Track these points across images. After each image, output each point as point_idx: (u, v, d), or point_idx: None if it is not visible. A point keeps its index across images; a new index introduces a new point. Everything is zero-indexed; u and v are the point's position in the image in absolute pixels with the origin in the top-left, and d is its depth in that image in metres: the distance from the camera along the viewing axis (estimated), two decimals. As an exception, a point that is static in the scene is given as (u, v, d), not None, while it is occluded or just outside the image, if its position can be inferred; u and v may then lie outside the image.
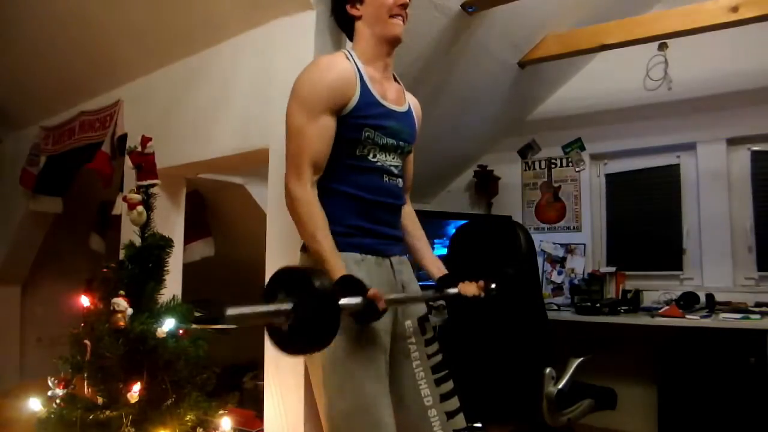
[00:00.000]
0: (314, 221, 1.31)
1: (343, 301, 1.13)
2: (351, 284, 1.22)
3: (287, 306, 1.05)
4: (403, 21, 1.46)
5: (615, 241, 3.55)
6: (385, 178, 1.46)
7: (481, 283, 1.55)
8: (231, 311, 0.96)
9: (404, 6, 1.45)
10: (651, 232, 3.40)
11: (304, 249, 1.45)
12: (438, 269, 1.60)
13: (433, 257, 1.64)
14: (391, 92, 1.49)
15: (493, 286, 1.55)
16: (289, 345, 1.10)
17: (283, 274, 1.16)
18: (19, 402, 1.65)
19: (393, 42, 1.46)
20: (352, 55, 1.44)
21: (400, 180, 1.52)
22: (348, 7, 1.48)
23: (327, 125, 1.35)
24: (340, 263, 1.28)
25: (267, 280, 1.17)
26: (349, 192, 1.39)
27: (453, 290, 1.53)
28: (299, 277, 1.10)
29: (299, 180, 1.33)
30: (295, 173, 1.33)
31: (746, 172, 3.11)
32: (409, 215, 1.65)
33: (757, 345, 2.47)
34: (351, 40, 1.54)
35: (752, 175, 3.10)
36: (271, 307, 1.06)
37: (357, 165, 1.41)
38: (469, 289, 1.53)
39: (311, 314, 1.04)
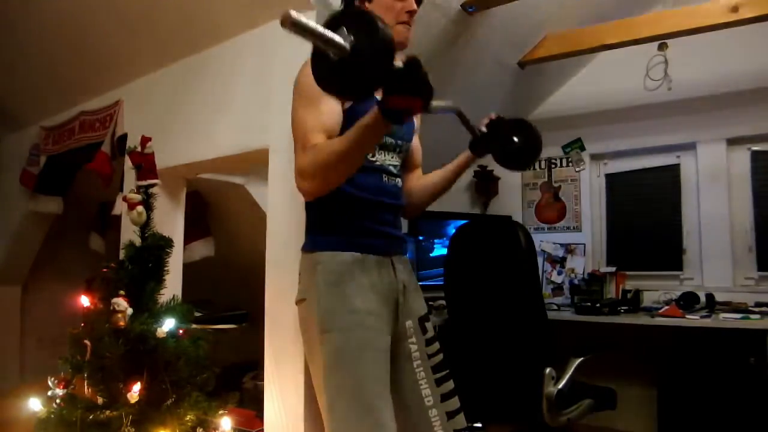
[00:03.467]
0: (335, 142, 1.23)
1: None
2: None
3: (347, 40, 0.98)
4: (410, 26, 1.44)
5: (615, 241, 3.55)
6: (385, 178, 1.46)
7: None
8: (296, 14, 0.87)
9: (412, 13, 1.43)
10: (651, 232, 3.40)
11: (305, 249, 1.45)
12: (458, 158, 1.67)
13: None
14: (390, 90, 1.49)
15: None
16: (334, 78, 1.03)
17: (347, 11, 1.09)
18: (19, 402, 1.65)
19: (396, 48, 1.46)
20: (351, 53, 1.43)
21: (399, 180, 1.52)
22: (357, 2, 1.46)
23: (333, 106, 1.32)
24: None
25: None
26: (349, 192, 1.39)
27: (482, 129, 1.59)
28: (363, 16, 1.02)
29: (306, 151, 1.27)
30: (303, 149, 1.28)
31: (746, 172, 3.11)
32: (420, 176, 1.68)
33: (757, 345, 2.47)
34: None
35: (752, 175, 3.10)
36: (333, 35, 0.97)
37: None
38: (488, 117, 1.60)
39: (371, 53, 0.97)
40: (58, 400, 1.58)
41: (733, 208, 3.11)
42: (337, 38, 0.96)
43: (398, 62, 1.03)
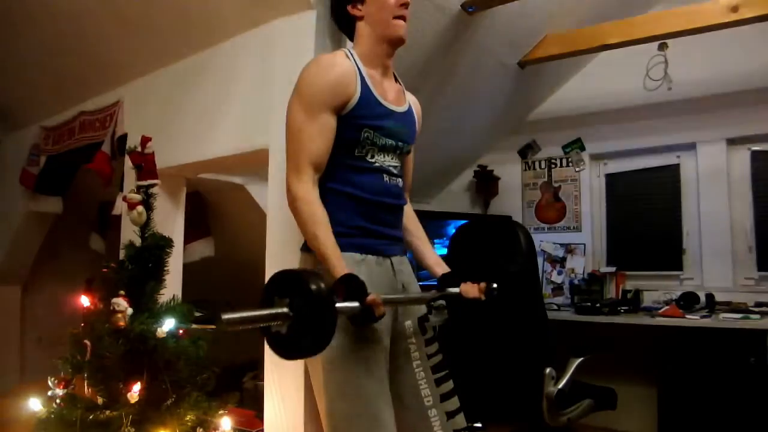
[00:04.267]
0: (315, 220, 1.31)
1: (339, 304, 1.13)
2: (351, 284, 1.21)
3: (283, 310, 1.05)
4: (405, 20, 1.46)
5: (615, 241, 3.55)
6: (385, 178, 1.46)
7: (483, 285, 1.52)
8: (227, 316, 0.96)
9: (406, 5, 1.45)
10: (651, 232, 3.40)
11: (305, 248, 1.45)
12: (441, 268, 1.59)
13: (435, 256, 1.64)
14: (391, 92, 1.49)
15: (495, 286, 1.54)
16: (286, 349, 1.11)
17: (279, 277, 1.15)
18: (19, 402, 1.65)
19: (396, 43, 1.46)
20: (352, 55, 1.44)
21: (400, 180, 1.52)
22: (349, 7, 1.48)
23: (327, 123, 1.35)
24: (341, 262, 1.28)
25: (266, 281, 1.16)
26: (349, 192, 1.39)
27: (454, 290, 1.52)
28: (295, 280, 1.09)
29: (299, 178, 1.33)
30: (295, 172, 1.33)
31: (746, 172, 3.11)
32: (409, 215, 1.65)
33: (757, 345, 2.47)
34: (351, 40, 1.54)
35: (752, 175, 3.09)
36: (267, 312, 1.05)
37: (356, 165, 1.41)
38: (471, 290, 1.51)
39: (307, 318, 1.04)
40: (58, 400, 1.58)
41: (733, 208, 3.10)
42: (276, 311, 1.06)
43: (349, 304, 1.15)
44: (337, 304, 1.12)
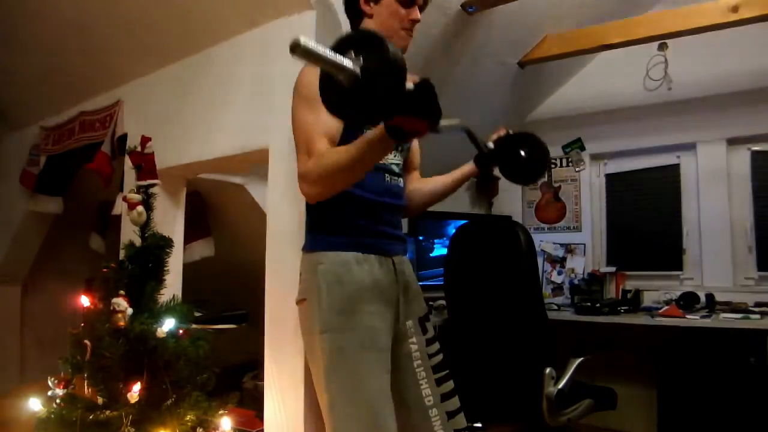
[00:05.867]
0: (339, 154, 1.23)
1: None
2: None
3: (355, 62, 0.95)
4: (411, 34, 1.45)
5: (615, 241, 3.55)
6: (387, 178, 1.46)
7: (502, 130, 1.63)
8: (305, 40, 0.86)
9: (415, 21, 1.45)
10: (651, 232, 3.40)
11: (306, 249, 1.45)
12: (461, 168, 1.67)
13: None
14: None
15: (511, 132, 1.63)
16: (346, 104, 1.00)
17: (356, 34, 1.09)
18: (19, 402, 1.65)
19: None
20: (349, 54, 1.44)
21: (401, 180, 1.52)
22: (362, 2, 1.45)
23: None
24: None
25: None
26: (351, 192, 1.39)
27: (489, 145, 1.60)
28: (371, 38, 0.98)
29: (311, 156, 1.28)
30: (306, 155, 1.30)
31: (746, 172, 3.11)
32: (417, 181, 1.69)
33: (757, 345, 2.47)
34: None
35: (752, 175, 3.10)
36: (340, 58, 0.93)
37: None
38: (497, 133, 1.62)
39: (377, 75, 0.94)
40: (58, 400, 1.58)
41: (733, 208, 3.11)
42: (347, 63, 0.94)
43: (409, 83, 1.01)
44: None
